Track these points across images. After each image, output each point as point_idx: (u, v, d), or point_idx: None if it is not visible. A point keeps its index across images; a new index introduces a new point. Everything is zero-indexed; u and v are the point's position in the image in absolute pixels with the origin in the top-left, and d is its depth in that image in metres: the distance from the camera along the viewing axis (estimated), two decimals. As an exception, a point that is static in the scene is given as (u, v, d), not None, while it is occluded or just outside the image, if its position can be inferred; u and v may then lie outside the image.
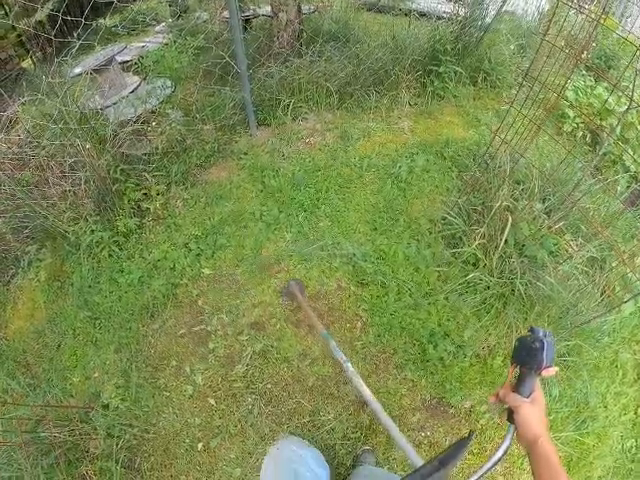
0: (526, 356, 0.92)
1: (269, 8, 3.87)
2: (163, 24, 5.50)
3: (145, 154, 2.97)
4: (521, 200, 2.69)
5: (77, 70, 3.03)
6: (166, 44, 3.83)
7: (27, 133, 2.75)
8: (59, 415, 2.24)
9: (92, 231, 2.80)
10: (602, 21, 4.25)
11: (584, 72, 3.95)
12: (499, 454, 0.89)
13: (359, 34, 3.92)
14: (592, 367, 2.52)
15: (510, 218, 2.38)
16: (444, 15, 3.98)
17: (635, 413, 2.43)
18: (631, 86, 3.39)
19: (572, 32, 4.25)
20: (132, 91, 3.18)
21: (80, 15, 2.47)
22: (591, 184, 2.74)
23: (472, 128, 3.57)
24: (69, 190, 2.87)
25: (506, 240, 2.56)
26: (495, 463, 0.88)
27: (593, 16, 2.82)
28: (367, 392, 1.55)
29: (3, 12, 6.12)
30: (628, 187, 3.02)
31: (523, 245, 2.56)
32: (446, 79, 3.55)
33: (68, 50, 2.81)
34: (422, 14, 4.24)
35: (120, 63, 3.32)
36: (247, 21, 4.48)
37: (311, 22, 4.15)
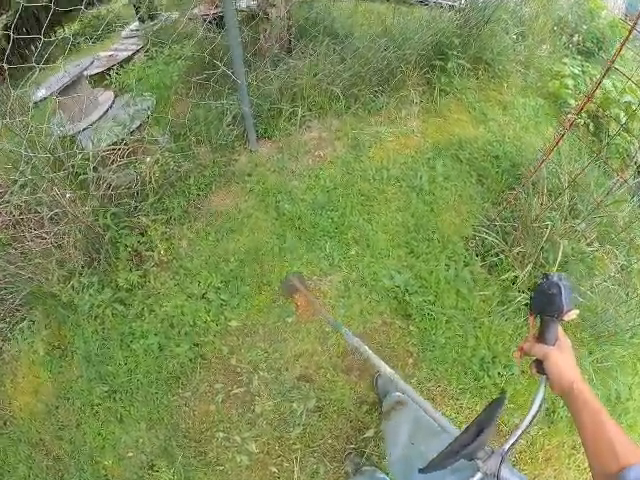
0: (545, 303, 0.92)
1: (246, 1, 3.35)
2: (130, 28, 4.65)
3: (136, 191, 2.54)
4: (555, 212, 2.68)
5: (41, 93, 2.49)
6: (144, 52, 3.20)
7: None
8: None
9: (90, 294, 2.43)
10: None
11: (576, 56, 3.94)
12: (535, 408, 0.90)
13: (350, 26, 3.55)
14: (621, 364, 2.67)
15: (562, 245, 2.36)
16: (442, 2, 3.73)
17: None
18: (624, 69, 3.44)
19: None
20: (106, 110, 2.66)
21: (37, 26, 1.96)
22: (615, 188, 2.76)
23: (481, 124, 3.51)
24: (53, 244, 2.42)
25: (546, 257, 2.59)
26: (533, 417, 0.88)
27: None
28: (386, 367, 1.47)
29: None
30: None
31: (566, 262, 2.57)
32: (452, 74, 3.37)
33: (27, 71, 2.25)
34: (419, 1, 3.94)
35: (89, 77, 2.74)
36: (221, 18, 3.86)
37: (294, 12, 3.66)
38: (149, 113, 2.59)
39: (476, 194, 3.06)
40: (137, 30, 4.41)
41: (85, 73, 2.59)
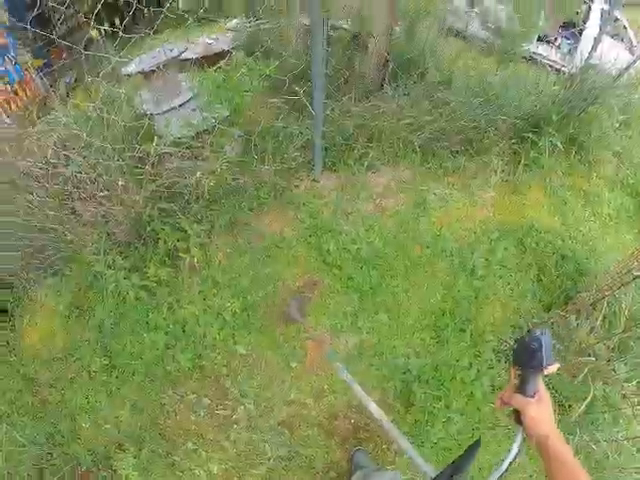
0: (526, 356, 0.96)
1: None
2: (236, 21, 4.65)
3: (188, 192, 2.59)
4: (603, 345, 2.44)
5: (130, 68, 2.59)
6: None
7: (58, 147, 2.36)
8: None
9: (117, 277, 2.54)
10: None
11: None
12: (511, 457, 0.94)
13: (449, 74, 3.32)
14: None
15: (592, 391, 2.17)
16: (551, 64, 3.41)
17: None
18: None
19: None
20: (185, 102, 2.71)
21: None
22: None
23: (557, 213, 3.26)
24: (102, 215, 2.55)
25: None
26: (508, 465, 0.93)
27: None
28: (376, 409, 1.57)
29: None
30: None
31: (593, 404, 2.37)
32: (542, 151, 3.13)
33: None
34: (528, 59, 3.63)
35: (180, 59, 2.80)
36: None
37: (394, 49, 3.48)
38: (218, 122, 2.59)
39: (529, 292, 2.85)
40: (239, 25, 4.40)
41: (183, 56, 2.64)
